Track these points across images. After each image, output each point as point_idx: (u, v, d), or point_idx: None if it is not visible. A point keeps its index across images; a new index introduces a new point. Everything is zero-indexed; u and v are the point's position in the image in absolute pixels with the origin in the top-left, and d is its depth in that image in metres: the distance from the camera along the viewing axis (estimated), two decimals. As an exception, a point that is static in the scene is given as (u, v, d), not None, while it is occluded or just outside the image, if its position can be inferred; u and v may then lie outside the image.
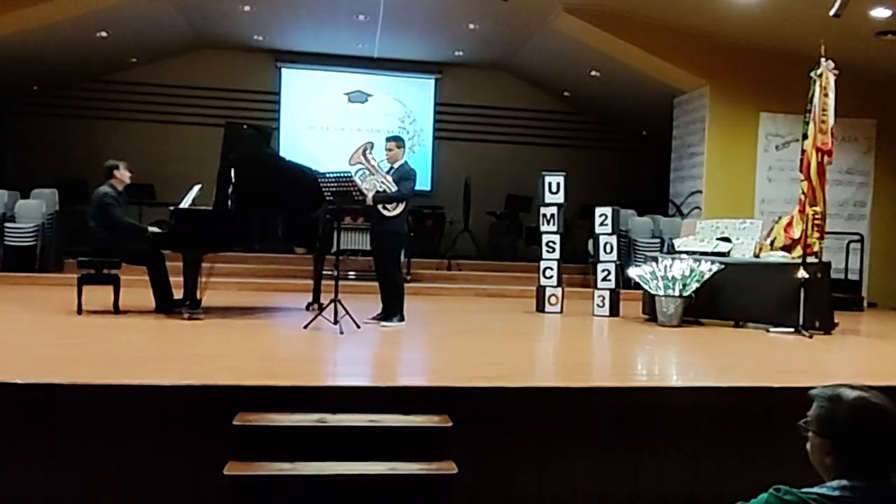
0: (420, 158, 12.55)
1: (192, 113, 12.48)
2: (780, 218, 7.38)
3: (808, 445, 1.61)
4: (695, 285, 6.58)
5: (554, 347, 5.83)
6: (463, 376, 3.99)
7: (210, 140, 10.89)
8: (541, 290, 7.63)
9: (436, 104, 13.24)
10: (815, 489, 1.52)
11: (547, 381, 4.09)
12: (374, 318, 6.08)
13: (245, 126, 6.52)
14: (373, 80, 13.05)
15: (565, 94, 13.02)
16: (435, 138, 13.28)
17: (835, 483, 1.51)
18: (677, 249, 7.37)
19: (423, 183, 11.25)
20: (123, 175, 6.38)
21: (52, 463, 3.43)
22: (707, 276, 6.58)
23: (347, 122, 13.01)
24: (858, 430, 1.50)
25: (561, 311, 7.50)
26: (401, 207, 5.88)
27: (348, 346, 5.12)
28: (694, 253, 7.12)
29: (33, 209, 9.34)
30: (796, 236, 6.65)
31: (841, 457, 1.52)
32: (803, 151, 6.53)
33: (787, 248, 6.80)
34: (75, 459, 3.44)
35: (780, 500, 1.50)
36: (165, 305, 6.28)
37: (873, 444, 1.50)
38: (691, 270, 6.57)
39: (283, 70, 12.86)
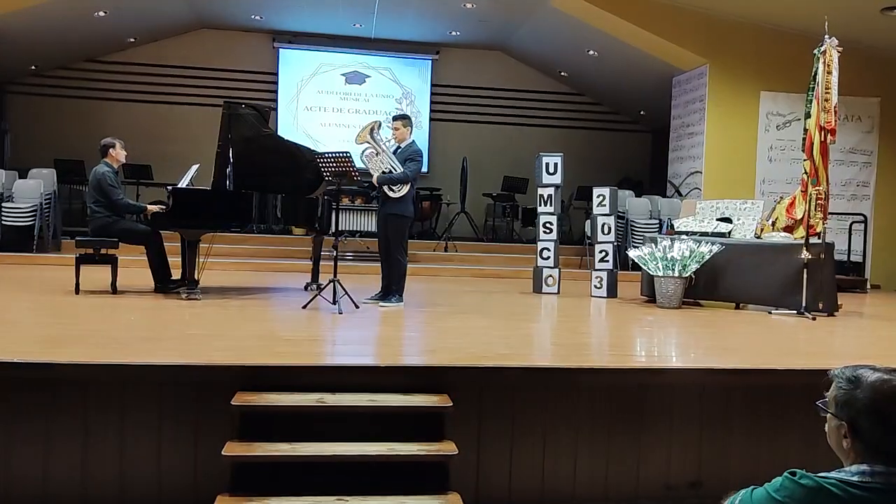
0: (417, 140, 12.42)
1: (190, 93, 12.35)
2: (781, 198, 7.31)
3: (826, 427, 1.55)
4: (695, 266, 6.52)
5: (552, 328, 5.79)
6: (462, 356, 3.95)
7: (208, 120, 10.80)
8: (538, 272, 7.58)
9: (432, 85, 13.13)
10: (833, 474, 1.45)
11: (545, 362, 4.03)
12: (372, 298, 6.04)
13: (243, 106, 6.41)
14: (370, 61, 12.92)
15: (562, 74, 12.91)
16: (432, 119, 13.19)
17: (853, 468, 1.45)
18: (676, 230, 7.31)
19: (423, 164, 11.17)
20: (119, 154, 6.28)
21: (51, 442, 3.39)
22: (707, 256, 6.53)
23: (345, 103, 12.91)
24: (878, 414, 1.44)
25: (558, 292, 7.46)
26: (406, 188, 5.80)
27: (347, 326, 5.07)
28: (694, 233, 7.06)
29: (31, 189, 9.24)
30: (798, 216, 6.58)
31: (860, 440, 1.46)
32: (806, 130, 6.41)
33: (789, 229, 6.73)
34: (75, 438, 3.40)
35: (797, 485, 1.44)
36: (163, 286, 6.23)
37: (894, 428, 1.43)
38: (691, 251, 6.51)
39: (281, 50, 12.72)
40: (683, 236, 6.91)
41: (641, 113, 13.20)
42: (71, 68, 12.12)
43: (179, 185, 6.30)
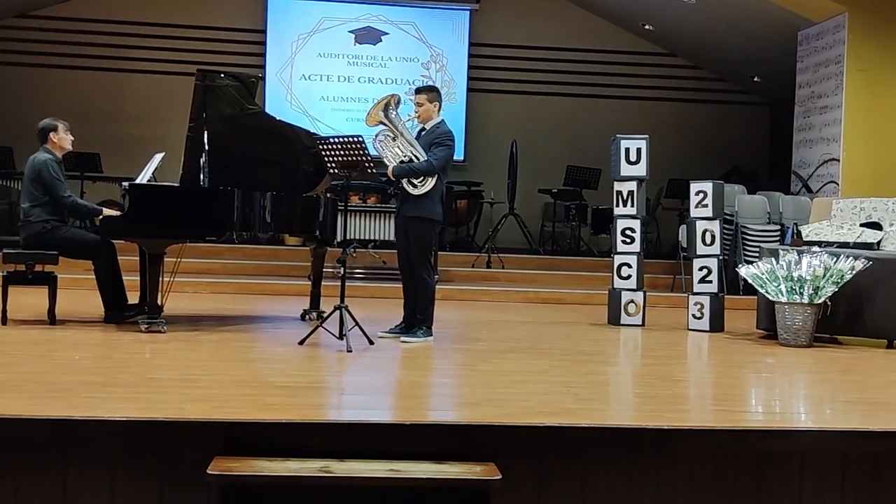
0: (450, 118, 12.46)
1: (152, 58, 12.60)
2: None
3: None
4: (831, 289, 6.45)
5: (635, 373, 5.76)
6: (513, 411, 3.95)
7: (175, 93, 10.99)
8: (615, 295, 7.55)
9: (471, 44, 13.19)
10: None
11: (627, 420, 4.03)
12: (391, 332, 6.06)
13: (222, 75, 6.50)
14: (388, 13, 13.05)
15: (647, 27, 12.87)
16: (469, 90, 13.25)
17: None
18: (805, 239, 7.23)
19: (456, 150, 11.21)
20: (63, 139, 6.41)
21: (-30, 521, 3.46)
22: (848, 276, 6.45)
23: (354, 70, 13.04)
24: None
25: (642, 324, 7.43)
26: (432, 183, 5.83)
27: (358, 369, 5.09)
28: (830, 244, 6.99)
29: (-55, 185, 9.46)
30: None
31: None
32: None
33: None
34: (1, 516, 3.46)
35: None
36: (117, 314, 6.31)
37: None
38: (826, 269, 6.43)
39: (271, 1, 12.88)
40: (815, 248, 6.83)
41: (755, 80, 13.09)
42: (-3, 27, 12.45)
43: (138, 181, 6.40)
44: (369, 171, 5.81)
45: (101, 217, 6.20)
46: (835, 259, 6.53)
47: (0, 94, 12.20)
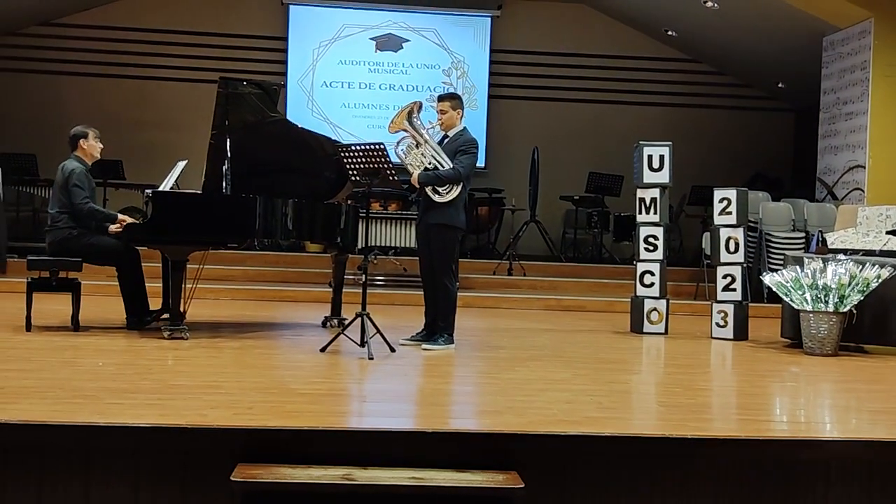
0: (471, 124, 12.46)
1: (174, 66, 12.69)
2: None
3: None
4: (857, 298, 6.41)
5: (658, 382, 5.76)
6: (536, 419, 3.96)
7: (198, 101, 11.07)
8: (637, 303, 7.53)
9: (492, 51, 13.22)
10: None
11: (651, 429, 4.01)
12: (413, 339, 6.09)
13: (245, 83, 6.56)
14: (409, 20, 13.10)
15: (670, 33, 12.84)
16: (491, 97, 13.26)
17: None
18: (831, 247, 7.20)
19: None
20: (93, 147, 6.49)
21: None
22: (875, 284, 6.42)
23: (375, 77, 13.09)
24: None
25: (665, 332, 7.40)
26: (457, 191, 5.84)
27: (380, 377, 5.12)
28: (855, 252, 6.95)
29: (-30, 192, 9.56)
30: None
31: None
32: None
33: None
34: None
35: None
36: (139, 320, 6.37)
37: None
38: (852, 277, 6.40)
39: (293, 7, 12.99)
40: (841, 256, 6.79)
41: (780, 86, 13.03)
42: (20, 34, 12.57)
43: (161, 188, 6.47)
44: (391, 178, 5.83)
45: (119, 224, 6.24)
46: (860, 267, 6.49)
47: (23, 102, 12.35)
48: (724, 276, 7.40)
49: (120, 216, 6.37)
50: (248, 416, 3.78)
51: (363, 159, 5.81)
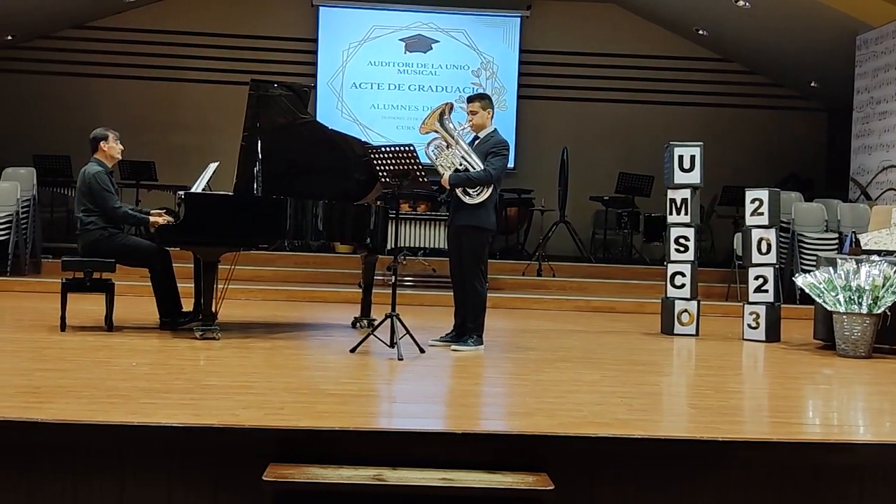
0: (501, 125, 12.48)
1: (205, 68, 12.81)
2: None
3: None
4: (891, 299, 6.34)
5: (689, 384, 5.72)
6: (565, 421, 3.96)
7: (229, 103, 11.16)
8: (668, 305, 7.50)
9: (521, 51, 13.22)
10: None
11: (682, 431, 4.01)
12: (442, 340, 6.10)
13: (275, 85, 6.61)
14: (438, 21, 13.14)
15: (701, 32, 12.77)
16: (520, 97, 13.27)
17: None
18: (864, 248, 7.14)
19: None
20: (112, 149, 6.55)
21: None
22: (908, 286, 6.34)
23: (404, 78, 13.14)
24: None
25: (696, 334, 7.36)
26: (488, 192, 5.84)
27: (409, 377, 5.14)
28: (889, 253, 6.89)
29: (6, 194, 9.64)
30: None
31: None
32: None
33: None
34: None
35: None
36: (172, 320, 6.44)
37: None
38: (886, 278, 6.33)
39: (322, 9, 13.07)
40: (874, 257, 6.73)
41: (812, 85, 12.91)
42: (54, 37, 12.76)
43: (193, 190, 6.53)
44: (420, 179, 5.85)
45: (151, 225, 6.31)
46: (894, 268, 6.43)
47: (57, 105, 12.52)
48: (756, 278, 7.35)
49: (152, 216, 6.40)
50: (280, 417, 3.81)
51: (393, 161, 5.83)
